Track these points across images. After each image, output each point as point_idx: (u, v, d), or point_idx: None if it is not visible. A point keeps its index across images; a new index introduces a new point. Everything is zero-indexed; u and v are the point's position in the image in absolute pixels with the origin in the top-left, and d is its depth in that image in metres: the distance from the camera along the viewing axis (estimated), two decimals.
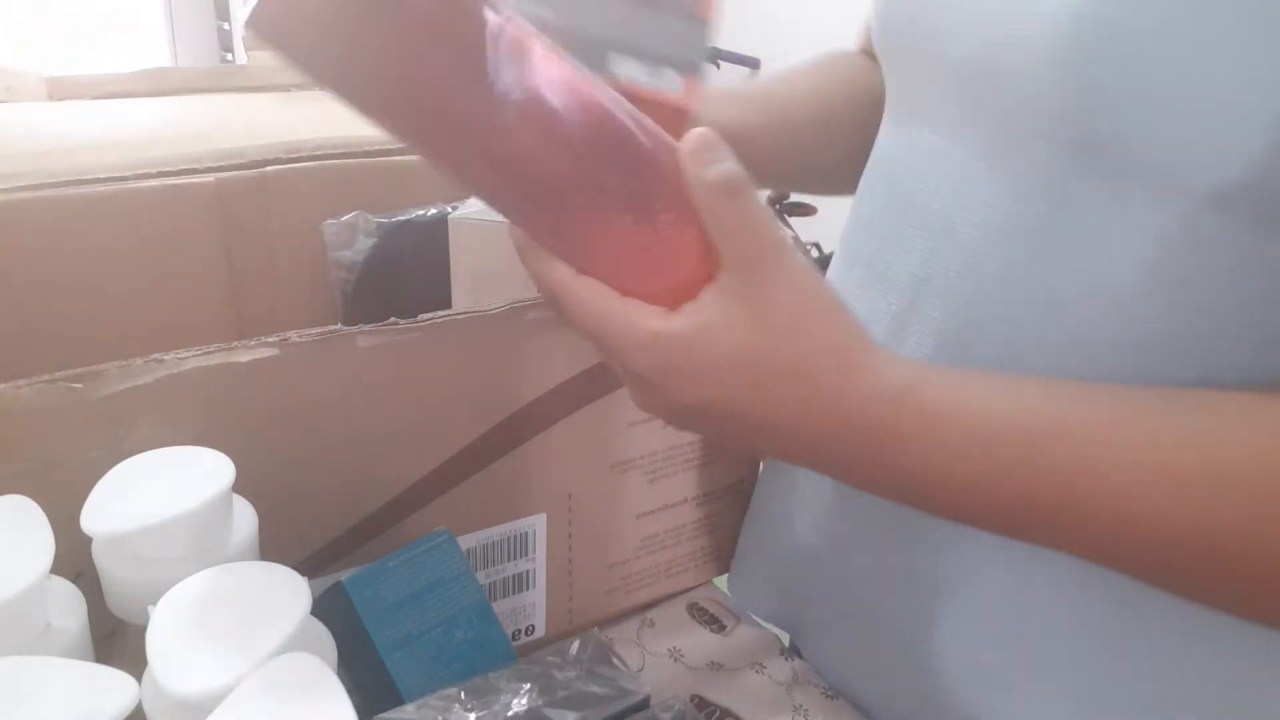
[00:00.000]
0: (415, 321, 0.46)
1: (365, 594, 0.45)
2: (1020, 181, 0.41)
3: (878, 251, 0.48)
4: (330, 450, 0.46)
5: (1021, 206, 0.41)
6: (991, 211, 0.42)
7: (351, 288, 0.59)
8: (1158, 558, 0.35)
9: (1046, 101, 0.38)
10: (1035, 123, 0.39)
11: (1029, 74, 0.39)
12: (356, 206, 0.59)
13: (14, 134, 0.59)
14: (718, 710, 0.54)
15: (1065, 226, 0.40)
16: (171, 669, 0.31)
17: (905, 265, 0.46)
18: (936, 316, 0.45)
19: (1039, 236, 0.40)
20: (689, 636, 0.60)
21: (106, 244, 0.53)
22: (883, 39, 0.50)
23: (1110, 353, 0.40)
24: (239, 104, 0.71)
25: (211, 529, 0.39)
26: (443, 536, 0.48)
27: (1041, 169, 0.40)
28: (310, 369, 0.44)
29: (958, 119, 0.44)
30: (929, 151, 0.45)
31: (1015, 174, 0.41)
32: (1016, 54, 0.39)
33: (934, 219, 0.45)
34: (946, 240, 0.44)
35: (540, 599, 0.56)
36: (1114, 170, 0.38)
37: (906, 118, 0.48)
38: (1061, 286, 0.40)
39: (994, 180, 0.42)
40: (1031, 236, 0.41)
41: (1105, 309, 0.39)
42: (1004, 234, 0.42)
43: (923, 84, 0.46)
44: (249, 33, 0.34)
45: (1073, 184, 0.39)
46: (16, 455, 0.39)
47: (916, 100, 0.47)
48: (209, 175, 0.56)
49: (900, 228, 0.47)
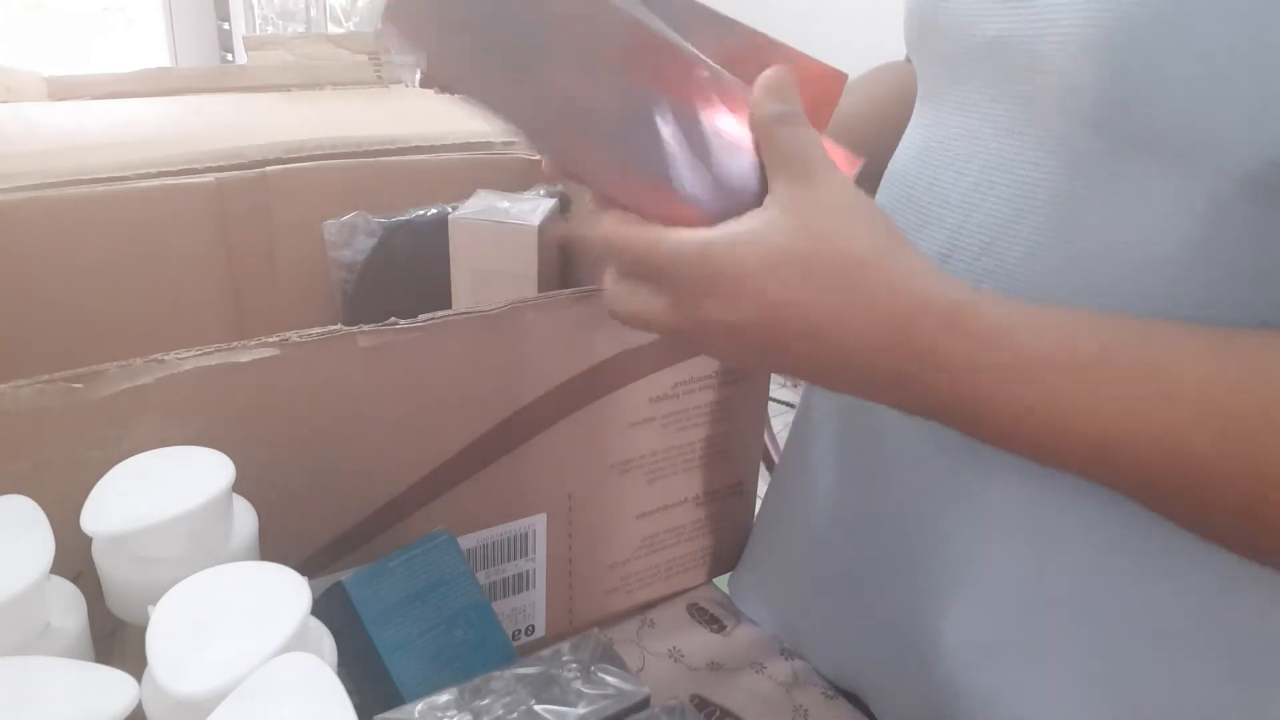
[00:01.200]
0: (415, 321, 0.46)
1: (365, 594, 0.45)
2: (1049, 157, 0.41)
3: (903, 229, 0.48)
4: (330, 451, 0.46)
5: (1049, 181, 0.41)
6: (1018, 186, 0.42)
7: (351, 288, 0.59)
8: (1201, 497, 0.35)
9: (1080, 77, 0.38)
10: (1067, 99, 0.39)
11: (1063, 50, 0.38)
12: (356, 206, 0.59)
13: (14, 134, 0.60)
14: (718, 710, 0.54)
15: (1092, 202, 0.40)
16: (171, 669, 0.31)
17: (929, 244, 0.46)
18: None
19: (1065, 211, 0.40)
20: (689, 636, 0.60)
21: (106, 244, 0.53)
22: (915, 19, 0.49)
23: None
24: (239, 104, 0.71)
25: (211, 529, 0.39)
26: (443, 536, 0.48)
27: (1071, 145, 0.40)
28: (310, 369, 0.44)
29: (987, 97, 0.44)
30: (958, 132, 0.45)
31: (1045, 150, 0.41)
32: (1050, 29, 0.39)
33: (960, 196, 0.45)
34: (972, 216, 0.44)
35: (540, 599, 0.56)
36: (1145, 147, 0.37)
37: (935, 102, 0.48)
38: (1086, 262, 0.40)
39: (1023, 156, 0.42)
40: (1057, 212, 0.41)
41: (1129, 285, 0.39)
42: (1030, 209, 0.42)
43: (953, 65, 0.46)
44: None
45: (1102, 160, 0.39)
46: (16, 455, 0.39)
47: (946, 83, 0.47)
48: (209, 175, 0.56)
49: (927, 207, 0.47)
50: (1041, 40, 0.40)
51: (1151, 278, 0.39)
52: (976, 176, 0.44)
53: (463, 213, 0.55)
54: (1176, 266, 0.38)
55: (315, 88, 0.76)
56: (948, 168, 0.46)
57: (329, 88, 0.77)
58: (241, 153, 0.58)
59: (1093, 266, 0.40)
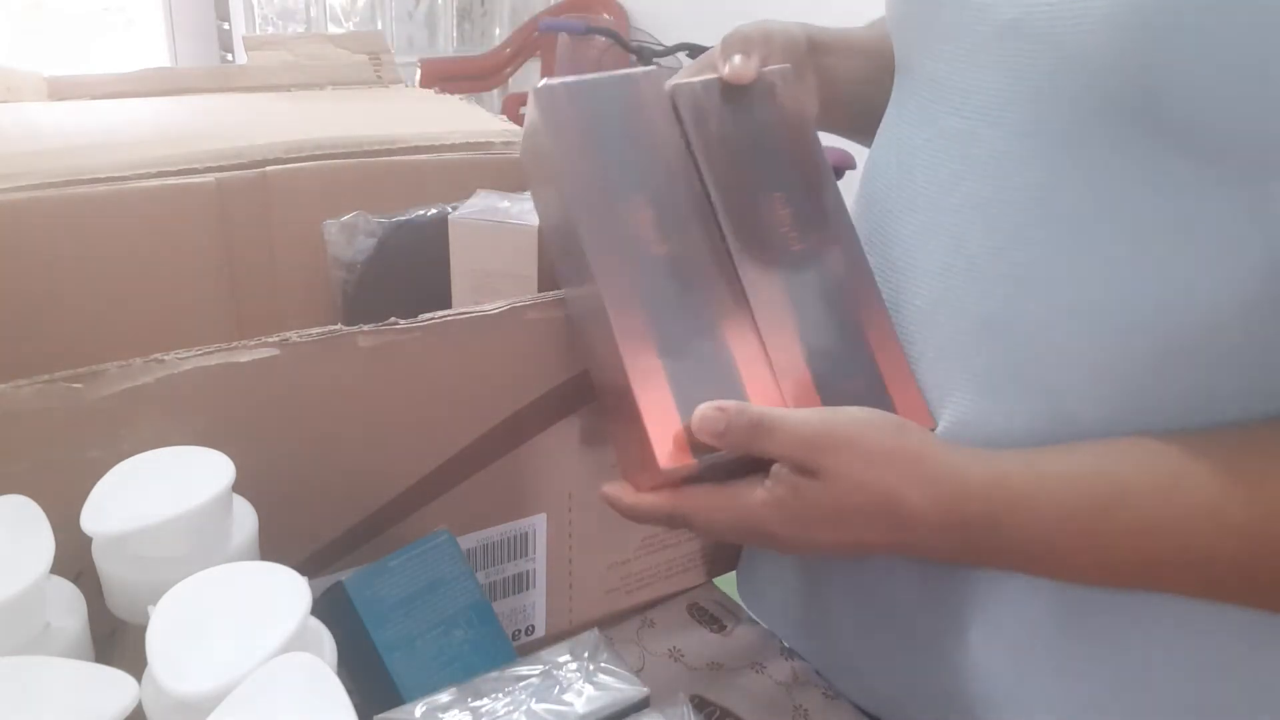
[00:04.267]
0: (415, 321, 0.46)
1: (365, 594, 0.45)
2: (1066, 159, 0.40)
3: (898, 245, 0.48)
4: (330, 450, 0.46)
5: (1067, 184, 0.40)
6: (1032, 191, 0.41)
7: (351, 288, 0.59)
8: (1233, 592, 0.40)
9: (1103, 66, 0.37)
10: (1088, 92, 0.38)
11: (1084, 38, 0.37)
12: (356, 206, 0.59)
13: (14, 134, 0.60)
14: (718, 710, 0.54)
15: (1116, 203, 0.39)
16: (171, 669, 0.31)
17: (930, 258, 0.46)
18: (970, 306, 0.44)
19: (1081, 218, 0.40)
20: (689, 636, 0.60)
21: (106, 244, 0.53)
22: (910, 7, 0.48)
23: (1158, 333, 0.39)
24: (239, 104, 0.71)
25: (211, 529, 0.39)
26: (443, 536, 0.48)
27: (1091, 144, 0.39)
28: (310, 369, 0.44)
29: (995, 93, 0.42)
30: (956, 136, 0.44)
31: (1060, 149, 0.40)
32: (1077, 10, 0.38)
33: (962, 205, 0.44)
34: (977, 225, 0.43)
35: (540, 599, 0.56)
36: (1172, 144, 0.37)
37: (925, 104, 0.46)
38: (1109, 265, 0.39)
39: (1036, 158, 0.41)
40: (1073, 218, 0.40)
41: (1157, 288, 0.39)
42: (1045, 214, 0.41)
43: (956, 56, 0.44)
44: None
45: (1125, 159, 0.38)
46: (16, 455, 0.39)
47: (941, 85, 0.45)
48: (209, 175, 0.56)
49: (921, 216, 0.46)
50: (1065, 24, 0.38)
51: (1180, 282, 0.38)
52: (976, 184, 0.43)
53: (463, 213, 0.55)
54: (1208, 283, 0.37)
55: (315, 88, 0.76)
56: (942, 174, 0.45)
57: (329, 88, 0.77)
58: (241, 153, 0.57)
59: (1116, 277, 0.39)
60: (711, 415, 0.42)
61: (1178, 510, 0.39)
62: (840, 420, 0.41)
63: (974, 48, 0.43)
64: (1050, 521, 0.40)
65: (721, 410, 0.42)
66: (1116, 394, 0.41)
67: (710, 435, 0.42)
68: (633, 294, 0.44)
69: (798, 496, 0.41)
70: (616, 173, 0.46)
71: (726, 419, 0.41)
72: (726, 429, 0.41)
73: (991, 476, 0.41)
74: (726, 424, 0.41)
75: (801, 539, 0.43)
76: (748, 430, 0.41)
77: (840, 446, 0.41)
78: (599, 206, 0.45)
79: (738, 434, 0.41)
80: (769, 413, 0.42)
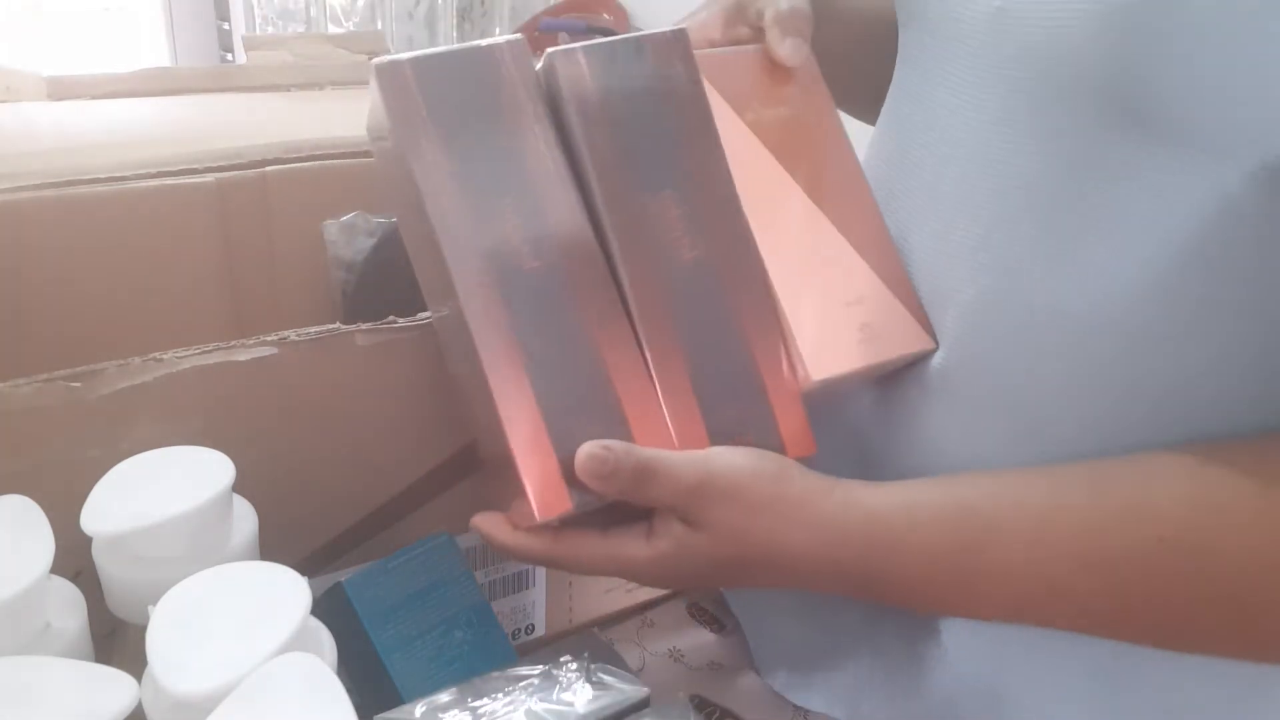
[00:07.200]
0: (415, 321, 0.46)
1: (365, 594, 0.45)
2: (1049, 149, 0.40)
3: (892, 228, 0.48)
4: (330, 450, 0.46)
5: (1049, 175, 0.40)
6: (1014, 180, 0.41)
7: (351, 288, 0.59)
8: (1104, 627, 0.41)
9: (1087, 57, 0.37)
10: (1072, 83, 0.38)
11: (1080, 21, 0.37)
12: (356, 206, 0.59)
13: (14, 134, 0.60)
14: (718, 710, 0.54)
15: (1097, 196, 0.39)
16: (171, 669, 0.31)
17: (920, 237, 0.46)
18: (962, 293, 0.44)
19: (1067, 206, 0.40)
20: (689, 636, 0.60)
21: (106, 244, 0.53)
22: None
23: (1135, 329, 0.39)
24: (239, 104, 0.71)
25: (211, 529, 0.39)
26: (442, 537, 0.48)
27: (1074, 135, 0.39)
28: (310, 369, 0.44)
29: (981, 79, 0.42)
30: (944, 114, 0.44)
31: (1043, 139, 0.40)
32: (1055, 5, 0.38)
33: (949, 187, 0.44)
34: (964, 210, 0.43)
35: (540, 598, 0.56)
36: (1155, 137, 0.36)
37: (921, 76, 0.46)
38: (1089, 259, 0.39)
39: (1019, 147, 0.41)
40: (1058, 207, 0.40)
41: (1134, 283, 0.38)
42: (1028, 204, 0.41)
43: (945, 38, 0.44)
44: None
45: (1107, 151, 0.38)
46: (16, 455, 0.39)
47: (935, 57, 0.45)
48: (209, 175, 0.56)
49: (915, 194, 0.46)
50: (1048, 12, 0.38)
51: (1162, 280, 0.38)
52: (963, 166, 0.43)
53: None
54: (1191, 271, 0.37)
55: (315, 88, 0.76)
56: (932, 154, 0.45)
57: (329, 88, 0.77)
58: (241, 153, 0.57)
59: (1100, 265, 0.39)
60: (597, 455, 0.39)
61: (1045, 551, 0.39)
62: (721, 468, 0.41)
63: (963, 31, 0.43)
64: (921, 565, 0.41)
65: (608, 450, 0.40)
66: (1086, 393, 0.41)
67: (594, 478, 0.40)
68: (501, 316, 0.40)
69: (680, 548, 0.41)
70: (480, 168, 0.40)
71: (614, 461, 0.39)
72: (612, 473, 0.39)
73: (867, 520, 0.41)
74: (613, 468, 0.39)
75: (687, 582, 0.44)
76: (632, 475, 0.40)
77: (723, 497, 0.40)
78: (458, 212, 0.40)
79: (622, 478, 0.40)
80: (653, 457, 0.40)
